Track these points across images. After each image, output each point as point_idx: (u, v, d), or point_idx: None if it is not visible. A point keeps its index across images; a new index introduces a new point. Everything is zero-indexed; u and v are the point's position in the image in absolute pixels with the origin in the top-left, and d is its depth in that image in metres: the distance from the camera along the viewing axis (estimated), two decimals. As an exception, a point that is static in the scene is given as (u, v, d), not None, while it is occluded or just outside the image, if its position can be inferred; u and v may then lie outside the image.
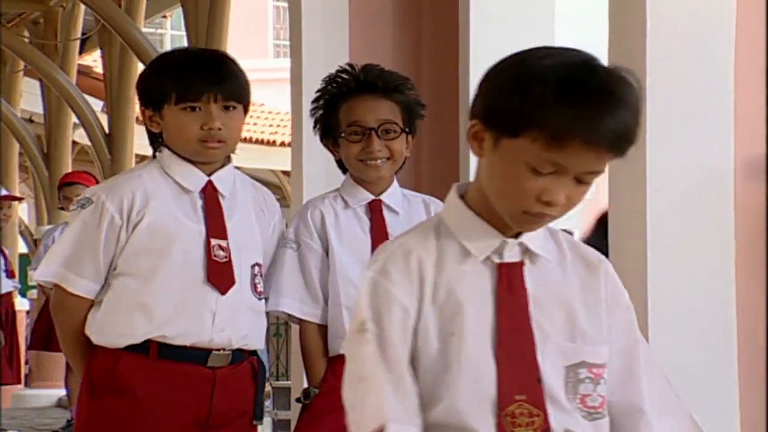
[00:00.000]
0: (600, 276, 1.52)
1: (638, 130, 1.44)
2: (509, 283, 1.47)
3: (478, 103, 1.46)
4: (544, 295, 1.48)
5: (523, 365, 1.45)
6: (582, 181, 1.43)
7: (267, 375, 2.59)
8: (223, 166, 2.40)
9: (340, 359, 2.48)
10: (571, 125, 1.38)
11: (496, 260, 1.48)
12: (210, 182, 2.37)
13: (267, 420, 6.10)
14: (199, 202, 2.36)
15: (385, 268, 1.49)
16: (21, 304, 10.45)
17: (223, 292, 2.32)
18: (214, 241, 2.33)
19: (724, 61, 2.56)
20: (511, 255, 1.48)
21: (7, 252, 7.47)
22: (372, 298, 1.49)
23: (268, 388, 5.88)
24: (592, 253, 1.54)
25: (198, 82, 2.30)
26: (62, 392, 9.31)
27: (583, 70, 1.41)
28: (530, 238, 1.49)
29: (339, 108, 2.48)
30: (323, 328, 2.49)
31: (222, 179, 2.38)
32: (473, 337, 1.45)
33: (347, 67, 2.52)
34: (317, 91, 2.55)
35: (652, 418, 1.50)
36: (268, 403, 6.05)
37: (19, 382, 7.46)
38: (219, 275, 2.32)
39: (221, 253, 2.33)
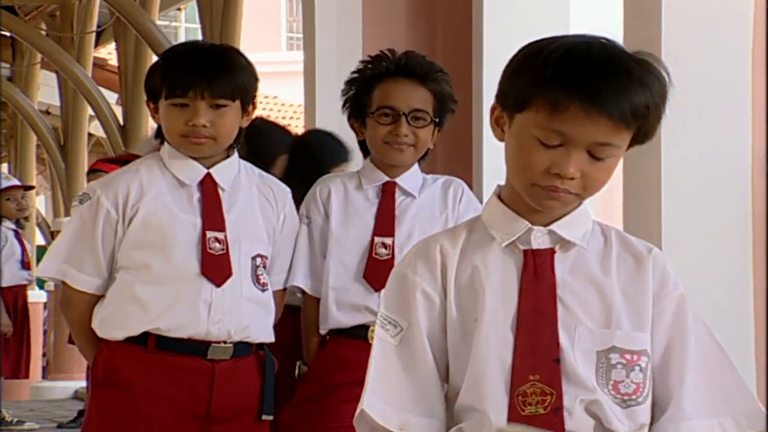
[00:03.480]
0: (648, 266, 1.51)
1: (654, 110, 1.42)
2: (535, 269, 1.48)
3: (497, 90, 1.50)
4: (578, 282, 1.49)
5: (540, 347, 1.45)
6: (596, 156, 1.43)
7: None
8: (225, 158, 2.39)
9: (329, 340, 2.50)
10: (568, 91, 1.39)
11: (523, 247, 1.49)
12: (208, 175, 2.37)
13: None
14: (196, 195, 2.36)
15: (411, 262, 1.53)
16: (38, 296, 10.52)
17: (218, 284, 2.31)
18: (209, 234, 2.33)
19: (741, 52, 2.54)
20: (541, 242, 1.49)
21: (26, 244, 7.48)
22: (397, 291, 1.52)
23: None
24: (642, 244, 1.54)
25: (185, 79, 2.29)
26: (78, 384, 9.36)
27: (591, 45, 1.43)
28: (563, 226, 1.49)
29: (374, 88, 2.48)
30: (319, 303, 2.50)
31: (221, 172, 2.38)
32: (494, 322, 1.47)
33: (388, 52, 2.53)
34: (354, 71, 2.54)
35: (688, 415, 1.49)
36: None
37: (26, 377, 7.45)
38: (214, 267, 2.32)
39: (217, 245, 2.33)
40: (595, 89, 1.40)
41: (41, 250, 10.84)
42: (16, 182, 7.67)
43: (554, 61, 1.41)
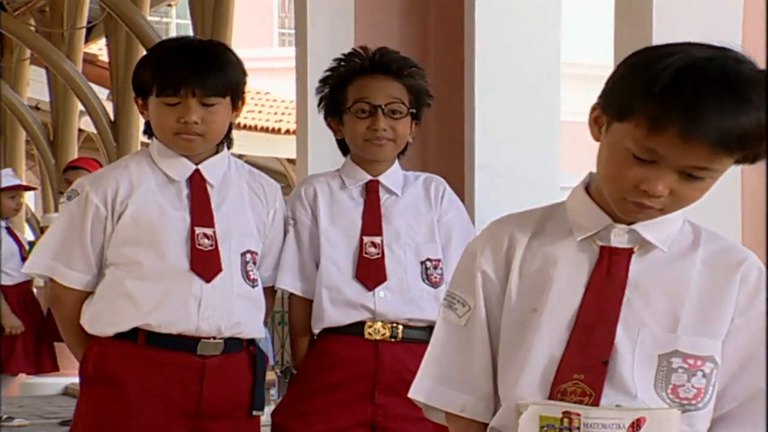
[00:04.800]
0: (736, 276, 1.47)
1: (761, 134, 1.35)
2: (608, 268, 1.46)
3: (603, 88, 1.46)
4: (652, 284, 1.46)
5: (593, 347, 1.43)
6: (691, 175, 1.39)
7: (272, 363, 2.58)
8: (214, 154, 2.40)
9: (320, 339, 2.52)
10: (669, 113, 1.34)
11: (601, 243, 1.47)
12: (197, 171, 2.37)
13: (272, 408, 6.10)
14: (185, 191, 2.36)
15: (480, 241, 1.53)
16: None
17: (207, 280, 2.32)
18: (198, 230, 2.33)
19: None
20: (620, 241, 1.46)
21: (22, 239, 7.45)
22: (465, 270, 1.52)
23: (272, 376, 5.90)
24: (739, 252, 1.50)
25: (177, 76, 2.29)
26: (69, 380, 9.34)
27: (709, 63, 1.35)
28: (646, 227, 1.46)
29: (348, 85, 2.48)
30: (310, 304, 2.50)
31: (210, 168, 2.38)
32: (554, 315, 1.45)
33: (361, 49, 2.53)
34: (327, 69, 2.54)
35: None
36: (273, 391, 6.05)
37: (55, 369, 7.39)
38: (203, 263, 2.32)
39: (206, 241, 2.33)
40: (698, 115, 1.33)
41: (31, 247, 10.81)
42: (20, 182, 7.65)
43: (665, 78, 1.35)
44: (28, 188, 7.65)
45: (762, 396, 1.47)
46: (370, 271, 2.45)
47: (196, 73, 2.29)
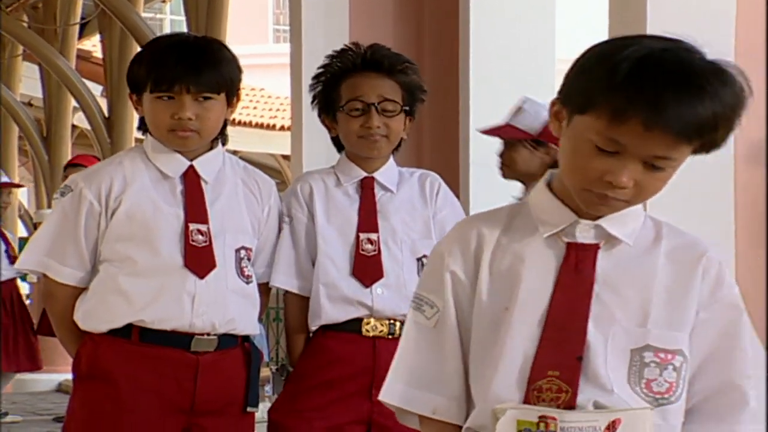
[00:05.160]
0: (698, 269, 1.49)
1: (724, 123, 1.38)
2: (576, 264, 1.46)
3: (562, 83, 1.47)
4: (620, 279, 1.47)
5: (566, 343, 1.44)
6: (654, 166, 1.40)
7: (266, 360, 2.58)
8: (208, 151, 2.39)
9: (317, 336, 2.52)
10: (631, 104, 1.35)
11: (567, 239, 1.47)
12: (191, 167, 2.37)
13: (267, 405, 6.10)
14: (179, 188, 2.36)
15: (448, 242, 1.52)
16: (21, 288, 10.45)
17: (201, 276, 2.32)
18: (192, 226, 2.33)
19: (725, 45, 2.56)
20: (586, 236, 1.47)
21: (9, 237, 7.44)
22: (432, 271, 1.52)
23: (267, 372, 5.89)
24: (699, 246, 1.51)
25: (171, 72, 2.29)
26: (62, 377, 9.33)
27: (664, 53, 1.38)
28: (611, 222, 1.47)
29: (341, 83, 2.48)
30: (306, 302, 2.50)
31: (205, 164, 2.38)
32: (525, 312, 1.46)
33: (353, 45, 2.53)
34: (320, 66, 2.54)
35: (742, 420, 1.48)
36: (267, 388, 6.05)
37: (38, 368, 7.38)
38: (196, 259, 2.32)
39: (200, 237, 2.33)
40: (660, 105, 1.35)
41: (23, 243, 10.80)
42: (5, 179, 7.63)
43: (624, 69, 1.36)
44: (13, 185, 7.61)
45: (730, 390, 1.48)
46: (367, 268, 2.45)
47: (191, 69, 2.29)
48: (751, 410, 1.48)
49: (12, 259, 7.24)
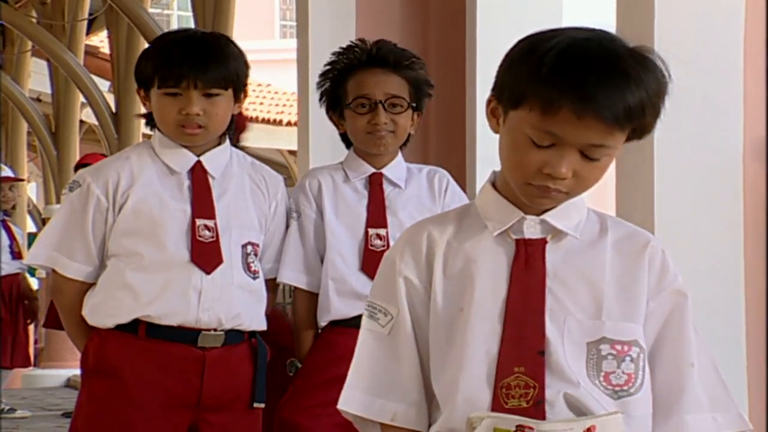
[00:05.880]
0: (644, 259, 1.49)
1: (650, 108, 1.41)
2: (526, 259, 1.47)
3: (494, 80, 1.48)
4: (569, 272, 1.48)
5: (527, 339, 1.44)
6: (589, 156, 1.42)
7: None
8: (215, 146, 2.40)
9: (326, 332, 2.52)
10: (560, 94, 1.37)
11: (515, 236, 1.48)
12: (198, 163, 2.37)
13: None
14: (186, 183, 2.36)
15: (398, 248, 1.53)
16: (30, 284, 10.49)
17: (208, 272, 2.32)
18: (199, 221, 2.33)
19: (733, 42, 2.55)
20: (533, 232, 1.48)
21: (15, 232, 7.45)
22: (384, 278, 1.52)
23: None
24: (642, 236, 1.52)
25: (178, 68, 2.29)
26: (71, 372, 9.36)
27: (587, 43, 1.40)
28: (555, 216, 1.48)
29: (348, 80, 2.48)
30: (314, 297, 2.50)
31: (212, 160, 2.38)
32: (482, 312, 1.46)
33: (359, 42, 2.52)
34: (327, 63, 2.54)
35: (688, 410, 1.49)
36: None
37: (26, 365, 7.43)
38: (203, 255, 2.32)
39: (207, 233, 2.33)
40: (588, 92, 1.37)
41: (32, 238, 10.82)
42: (6, 173, 7.65)
43: (550, 60, 1.38)
44: (13, 180, 7.63)
45: (676, 378, 1.48)
46: (376, 263, 2.44)
47: (198, 64, 2.30)
48: (696, 398, 1.49)
49: (15, 255, 7.26)
